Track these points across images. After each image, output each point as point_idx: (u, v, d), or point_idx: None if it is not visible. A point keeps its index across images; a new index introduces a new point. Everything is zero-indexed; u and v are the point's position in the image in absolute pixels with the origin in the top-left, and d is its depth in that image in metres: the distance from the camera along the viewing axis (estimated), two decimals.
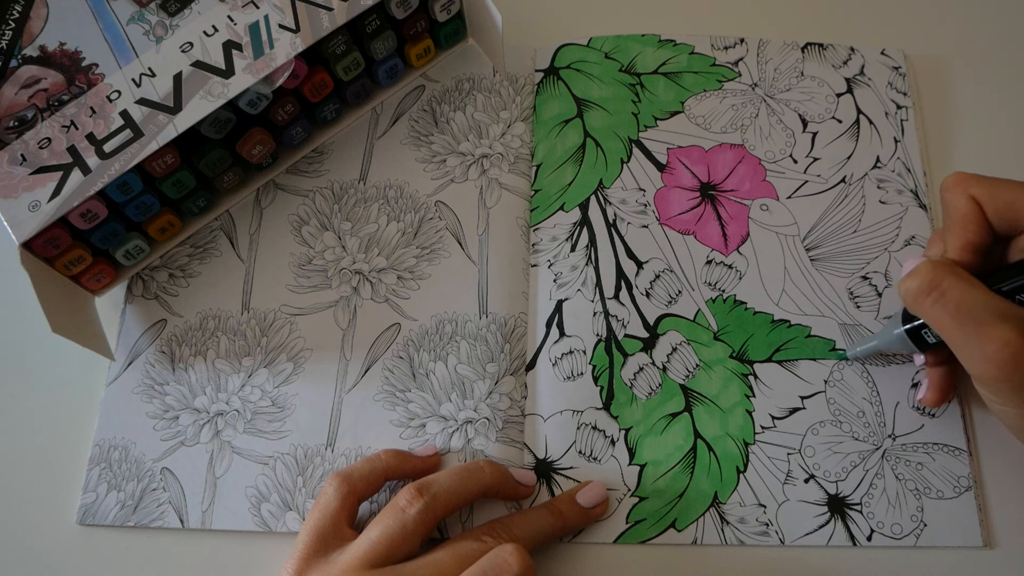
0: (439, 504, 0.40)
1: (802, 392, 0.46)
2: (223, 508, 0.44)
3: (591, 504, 0.43)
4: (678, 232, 0.49)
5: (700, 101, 0.53)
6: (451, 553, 0.39)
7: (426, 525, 0.40)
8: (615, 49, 0.54)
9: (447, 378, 0.47)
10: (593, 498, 0.44)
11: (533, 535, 0.41)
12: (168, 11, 0.45)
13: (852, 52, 0.54)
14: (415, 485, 0.41)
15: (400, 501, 0.40)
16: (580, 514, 0.43)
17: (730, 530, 0.43)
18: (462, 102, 0.53)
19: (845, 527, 0.43)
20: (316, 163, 0.51)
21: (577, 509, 0.43)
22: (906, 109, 0.52)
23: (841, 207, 0.50)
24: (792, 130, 0.52)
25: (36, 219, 0.41)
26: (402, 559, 0.39)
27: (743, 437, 0.45)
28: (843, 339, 0.47)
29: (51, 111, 0.43)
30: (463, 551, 0.39)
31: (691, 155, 0.51)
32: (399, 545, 0.39)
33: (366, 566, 0.38)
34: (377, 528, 0.39)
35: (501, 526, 0.41)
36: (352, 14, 0.45)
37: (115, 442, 0.45)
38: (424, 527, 0.40)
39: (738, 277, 0.48)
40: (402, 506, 0.40)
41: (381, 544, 0.39)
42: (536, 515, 0.42)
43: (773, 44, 0.54)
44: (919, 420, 0.46)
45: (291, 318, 0.48)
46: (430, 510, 0.40)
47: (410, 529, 0.39)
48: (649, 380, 0.46)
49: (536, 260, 0.49)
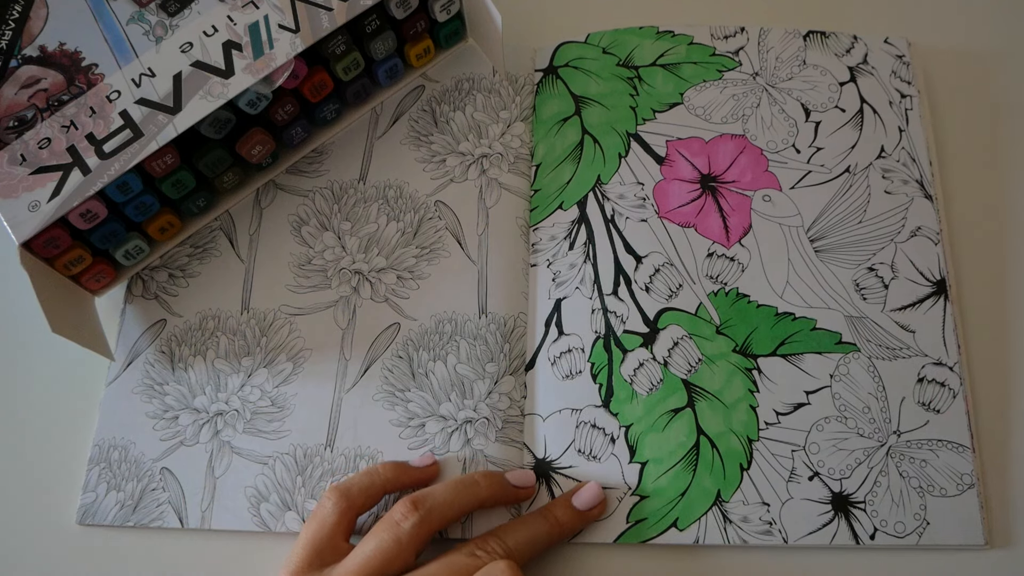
0: (434, 518, 0.40)
1: (807, 387, 0.45)
2: (222, 508, 0.44)
3: (587, 507, 0.43)
4: (678, 225, 0.49)
5: (700, 92, 0.52)
6: (444, 568, 0.39)
7: (421, 539, 0.39)
8: (613, 44, 0.53)
9: (446, 378, 0.46)
10: (589, 500, 0.43)
11: (528, 544, 0.41)
12: (168, 11, 0.45)
13: (855, 40, 0.53)
14: (411, 499, 0.40)
15: (395, 515, 0.40)
16: (576, 517, 0.42)
17: (733, 529, 0.42)
18: (462, 102, 0.52)
19: (849, 526, 0.42)
20: (316, 163, 0.51)
21: (573, 513, 0.42)
22: (910, 98, 0.51)
23: (845, 197, 0.49)
24: (794, 119, 0.51)
25: (36, 219, 0.42)
26: (396, 573, 0.39)
27: (747, 433, 0.44)
28: (849, 332, 0.46)
29: (51, 111, 0.43)
30: (456, 566, 0.39)
31: (691, 147, 0.51)
32: (393, 559, 0.39)
33: None
34: (372, 542, 0.39)
35: (495, 539, 0.41)
36: (352, 14, 0.45)
37: (115, 442, 0.45)
38: (419, 540, 0.39)
39: (740, 269, 0.47)
40: (397, 520, 0.39)
41: (375, 559, 0.39)
42: (531, 523, 0.42)
43: (774, 33, 0.54)
44: (924, 416, 0.44)
45: (291, 318, 0.48)
46: (425, 524, 0.40)
47: (404, 543, 0.39)
48: (650, 375, 0.45)
49: (535, 260, 0.49)
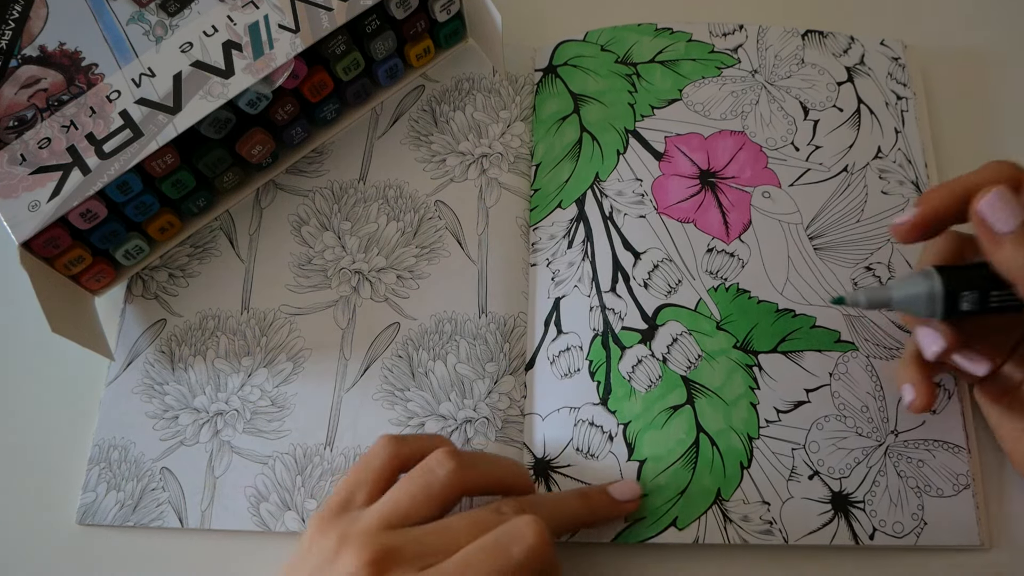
0: (470, 475, 0.38)
1: (807, 385, 0.44)
2: (222, 508, 0.44)
3: (624, 498, 0.42)
4: (677, 221, 0.48)
5: (699, 88, 0.52)
6: (466, 520, 0.37)
7: (452, 490, 0.38)
8: (611, 41, 0.53)
9: (446, 377, 0.46)
10: (626, 492, 0.42)
11: (557, 517, 0.39)
12: (168, 11, 0.46)
13: (852, 41, 0.53)
14: (450, 450, 0.39)
15: (430, 462, 0.38)
16: (611, 505, 0.41)
17: (733, 529, 0.42)
18: (462, 102, 0.53)
19: (848, 526, 0.42)
20: (316, 163, 0.51)
21: (608, 499, 0.41)
22: (906, 100, 0.51)
23: (843, 196, 0.49)
24: (793, 117, 0.51)
25: (36, 219, 0.42)
26: (421, 522, 0.37)
27: (747, 431, 0.44)
28: (847, 330, 0.46)
29: (51, 111, 0.44)
30: (479, 519, 0.37)
31: (690, 142, 0.50)
32: (420, 506, 0.37)
33: (384, 527, 0.36)
34: (402, 488, 0.38)
35: (525, 503, 0.39)
36: (352, 14, 0.45)
37: (115, 442, 0.45)
38: (450, 491, 0.38)
39: (740, 265, 0.47)
40: (431, 466, 0.38)
41: (402, 504, 0.37)
42: (564, 497, 0.41)
43: (773, 31, 0.53)
44: (920, 416, 0.44)
45: (290, 318, 0.48)
46: (458, 475, 0.38)
47: (435, 491, 0.37)
48: (648, 372, 0.45)
49: (535, 259, 0.49)
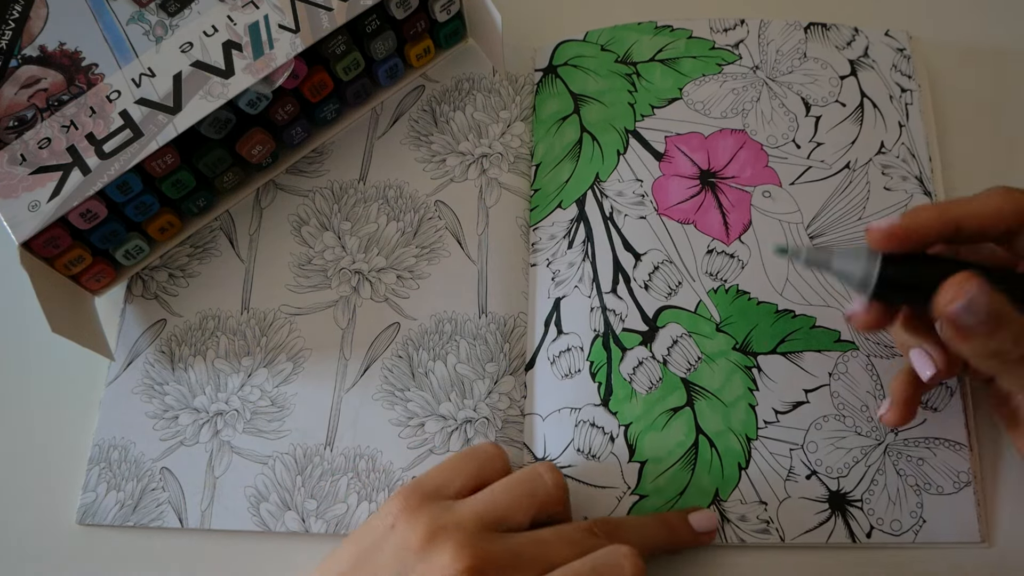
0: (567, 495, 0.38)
1: (806, 385, 0.44)
2: (222, 508, 0.44)
3: (703, 529, 0.41)
4: (677, 222, 0.48)
5: (699, 86, 0.52)
6: (560, 537, 0.36)
7: (554, 503, 0.38)
8: (611, 40, 0.53)
9: (446, 377, 0.46)
10: (705, 523, 0.41)
11: (642, 543, 0.38)
12: (168, 11, 0.46)
13: (856, 33, 0.52)
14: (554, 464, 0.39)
15: (538, 467, 0.38)
16: (691, 535, 0.41)
17: (731, 528, 0.42)
18: (462, 102, 0.53)
19: (845, 524, 0.42)
20: (316, 163, 0.51)
21: (689, 529, 0.41)
22: (911, 93, 0.51)
23: (845, 194, 0.49)
24: (795, 114, 0.50)
25: (36, 219, 0.42)
26: (515, 528, 0.36)
27: (745, 432, 0.44)
28: (848, 330, 0.46)
29: (51, 111, 0.44)
30: (573, 538, 0.36)
31: (690, 142, 0.50)
32: (517, 511, 0.37)
33: (479, 527, 0.36)
34: (504, 488, 0.37)
35: (612, 525, 0.39)
36: (352, 14, 0.45)
37: (115, 442, 0.45)
38: (551, 503, 0.37)
39: (740, 266, 0.47)
40: (539, 472, 0.38)
41: (500, 505, 0.37)
42: (650, 524, 0.40)
43: (775, 25, 0.53)
44: (921, 414, 0.44)
45: (291, 318, 0.48)
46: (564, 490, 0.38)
47: (538, 499, 0.37)
48: (649, 374, 0.45)
49: (535, 259, 0.49)
